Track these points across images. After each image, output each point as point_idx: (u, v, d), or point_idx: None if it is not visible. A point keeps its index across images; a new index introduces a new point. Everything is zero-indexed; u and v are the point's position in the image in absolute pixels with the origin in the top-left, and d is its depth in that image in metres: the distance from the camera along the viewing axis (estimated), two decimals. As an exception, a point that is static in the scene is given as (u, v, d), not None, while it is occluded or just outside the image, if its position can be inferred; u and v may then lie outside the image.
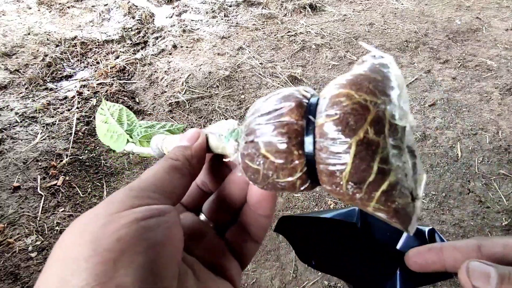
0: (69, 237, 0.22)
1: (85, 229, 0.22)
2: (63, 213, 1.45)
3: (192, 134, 0.30)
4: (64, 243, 0.22)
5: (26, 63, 2.18)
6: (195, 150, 0.29)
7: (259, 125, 0.23)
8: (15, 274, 1.24)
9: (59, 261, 0.21)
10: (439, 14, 2.88)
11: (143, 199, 0.24)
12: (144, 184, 0.25)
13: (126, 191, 0.24)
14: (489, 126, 1.88)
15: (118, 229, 0.22)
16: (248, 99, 2.03)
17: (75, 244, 0.22)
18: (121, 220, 0.22)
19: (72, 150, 1.69)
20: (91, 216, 0.23)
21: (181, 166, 0.28)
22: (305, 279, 1.30)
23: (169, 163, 0.27)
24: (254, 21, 2.75)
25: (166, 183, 0.26)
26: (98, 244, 0.21)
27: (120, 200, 0.23)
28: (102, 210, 0.23)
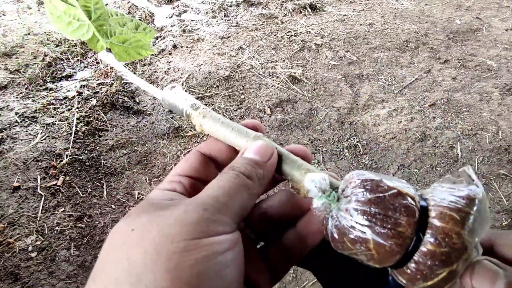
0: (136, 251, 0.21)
1: (160, 251, 0.21)
2: (63, 213, 1.45)
3: (266, 150, 0.28)
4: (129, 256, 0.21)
5: (26, 63, 2.18)
6: (268, 170, 0.27)
7: (370, 219, 0.24)
8: (15, 274, 1.24)
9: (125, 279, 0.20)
10: (439, 14, 2.88)
11: (218, 225, 0.23)
12: (217, 203, 0.23)
13: (200, 211, 0.23)
14: (489, 126, 1.88)
15: (197, 261, 0.21)
16: (248, 99, 2.03)
17: (146, 265, 0.20)
18: (201, 251, 0.21)
19: (72, 150, 1.69)
20: (161, 233, 0.21)
21: (253, 186, 0.26)
22: (305, 279, 1.30)
23: (242, 181, 0.25)
24: (254, 21, 2.75)
25: (237, 204, 0.25)
26: (176, 276, 0.20)
27: (196, 222, 0.22)
28: (175, 230, 0.21)
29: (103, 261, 0.22)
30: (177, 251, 0.21)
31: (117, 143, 1.75)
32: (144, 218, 0.23)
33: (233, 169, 0.26)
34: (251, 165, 0.27)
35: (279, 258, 0.29)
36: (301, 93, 2.08)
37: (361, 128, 1.88)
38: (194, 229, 0.22)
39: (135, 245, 0.21)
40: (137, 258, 0.21)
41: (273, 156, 0.28)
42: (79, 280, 1.26)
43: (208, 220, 0.22)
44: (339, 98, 2.06)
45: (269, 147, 0.28)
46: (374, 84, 2.17)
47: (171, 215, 0.23)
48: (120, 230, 0.23)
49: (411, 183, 1.62)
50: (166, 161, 1.69)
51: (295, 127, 1.87)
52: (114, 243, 0.23)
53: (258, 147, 0.28)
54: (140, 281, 0.20)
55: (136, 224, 0.23)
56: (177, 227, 0.22)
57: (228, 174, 0.26)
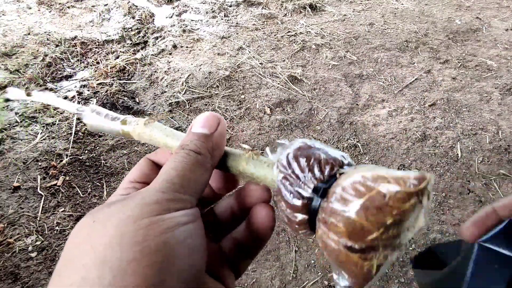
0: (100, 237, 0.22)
1: (124, 231, 0.21)
2: (63, 213, 1.45)
3: (211, 119, 0.28)
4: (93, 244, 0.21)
5: (26, 63, 2.18)
6: (217, 141, 0.28)
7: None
8: (15, 274, 1.24)
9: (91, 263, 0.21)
10: (439, 14, 2.88)
11: (177, 203, 0.23)
12: (173, 185, 0.24)
13: (158, 194, 0.23)
14: (489, 126, 1.88)
15: (163, 232, 0.21)
16: (248, 99, 2.03)
17: (112, 246, 0.21)
18: (165, 223, 0.22)
19: (72, 150, 1.69)
20: (123, 217, 0.22)
21: (204, 160, 0.26)
22: (305, 279, 1.30)
23: (193, 158, 0.26)
24: (254, 21, 2.75)
25: (192, 181, 0.25)
26: (143, 246, 0.21)
27: (155, 202, 0.23)
28: (137, 212, 0.22)
29: (67, 256, 0.23)
30: (142, 227, 0.21)
31: (117, 143, 1.75)
32: (105, 210, 0.24)
33: (183, 147, 0.27)
34: (199, 140, 0.27)
35: (236, 253, 0.30)
36: (301, 93, 2.08)
37: (361, 128, 1.88)
38: (155, 208, 0.22)
39: (98, 233, 0.22)
40: (101, 242, 0.21)
41: (220, 125, 0.28)
42: (79, 280, 1.26)
43: (167, 200, 0.23)
44: (339, 98, 2.06)
45: (215, 116, 0.28)
46: (374, 84, 2.17)
47: (130, 202, 0.23)
48: (82, 225, 0.24)
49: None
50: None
51: (295, 127, 1.87)
52: (77, 237, 0.23)
53: (204, 118, 0.28)
54: (108, 260, 0.20)
55: (97, 216, 0.23)
56: (137, 209, 0.22)
57: (179, 154, 0.26)
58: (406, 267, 1.34)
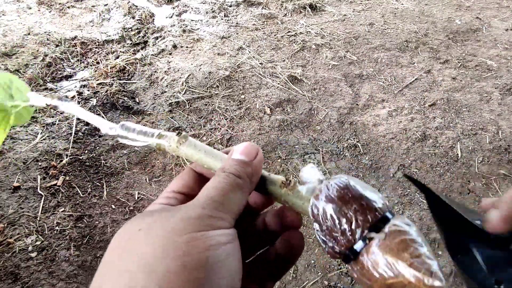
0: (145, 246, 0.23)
1: (168, 244, 0.22)
2: (63, 213, 1.45)
3: (250, 149, 0.30)
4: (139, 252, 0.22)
5: (26, 63, 2.18)
6: (256, 168, 0.29)
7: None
8: (15, 274, 1.24)
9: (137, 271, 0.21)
10: (439, 14, 2.88)
11: (218, 220, 0.25)
12: (214, 202, 0.25)
13: (199, 210, 0.25)
14: (489, 126, 1.88)
15: (206, 249, 0.22)
16: (248, 99, 2.03)
17: (157, 256, 0.22)
18: (207, 241, 0.23)
19: (72, 150, 1.69)
20: (168, 229, 0.23)
21: (244, 185, 0.28)
22: (305, 279, 1.30)
23: (233, 181, 0.27)
24: (254, 21, 2.75)
25: (232, 202, 0.26)
26: (187, 261, 0.21)
27: (197, 218, 0.24)
28: (180, 226, 0.23)
29: (111, 259, 0.24)
30: (184, 241, 0.22)
31: (117, 143, 1.75)
32: (149, 219, 0.25)
33: (224, 171, 0.28)
34: (239, 165, 0.29)
35: (265, 273, 0.32)
36: (301, 93, 2.08)
37: (361, 128, 1.88)
38: (197, 223, 0.24)
39: (143, 241, 0.23)
40: (147, 251, 0.22)
41: (258, 154, 0.30)
42: (79, 280, 1.26)
43: (208, 217, 0.24)
44: (339, 98, 2.06)
45: (254, 146, 0.30)
46: (374, 84, 2.17)
47: (173, 215, 0.25)
48: (127, 231, 0.25)
49: (411, 183, 1.62)
50: (166, 161, 1.69)
51: (295, 127, 1.87)
52: (122, 242, 0.24)
53: (244, 147, 0.30)
54: (153, 270, 0.21)
55: (142, 224, 0.25)
56: (181, 223, 0.24)
57: (220, 176, 0.28)
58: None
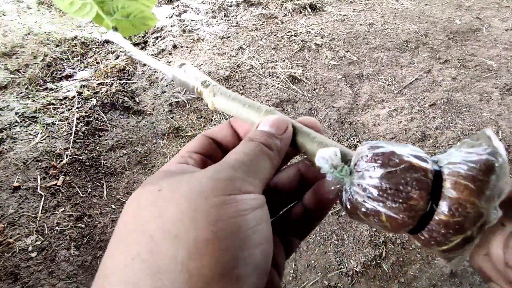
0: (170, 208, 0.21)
1: (196, 207, 0.20)
2: (63, 213, 1.45)
3: (281, 123, 0.28)
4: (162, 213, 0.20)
5: (26, 63, 2.18)
6: (284, 143, 0.28)
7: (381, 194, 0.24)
8: (15, 274, 1.24)
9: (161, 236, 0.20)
10: (439, 14, 2.88)
11: (249, 185, 0.23)
12: (245, 166, 0.24)
13: (231, 171, 0.23)
14: (489, 126, 1.88)
15: (237, 213, 0.21)
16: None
17: (185, 222, 0.20)
18: (238, 205, 0.21)
19: (72, 150, 1.69)
20: (195, 190, 0.21)
21: (273, 156, 0.26)
22: (305, 279, 1.30)
23: (263, 149, 0.26)
24: (254, 21, 2.75)
25: (261, 169, 0.25)
26: (218, 228, 0.20)
27: (228, 179, 0.22)
28: (210, 187, 0.21)
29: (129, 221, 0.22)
30: (214, 205, 0.21)
31: (117, 143, 1.75)
32: (171, 179, 0.23)
33: (252, 139, 0.26)
34: (269, 136, 0.27)
35: (291, 231, 0.30)
36: (301, 93, 2.08)
37: (361, 128, 1.88)
38: (228, 185, 0.22)
39: (167, 203, 0.21)
40: (172, 215, 0.20)
41: (287, 129, 0.28)
42: (79, 280, 1.26)
43: (239, 179, 0.23)
44: (339, 98, 2.06)
45: (284, 121, 0.28)
46: (374, 84, 2.17)
47: (200, 174, 0.23)
48: (145, 192, 0.23)
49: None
50: (166, 161, 1.69)
51: (295, 127, 1.87)
52: (141, 204, 0.22)
53: (273, 120, 0.28)
54: (181, 236, 0.20)
55: (163, 184, 0.23)
56: (210, 184, 0.22)
57: (249, 143, 0.26)
58: (406, 267, 1.34)
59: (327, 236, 1.42)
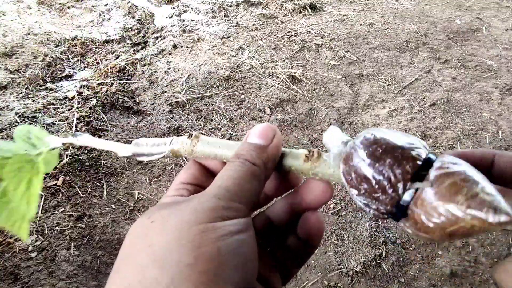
0: (158, 238, 0.22)
1: (181, 235, 0.22)
2: (63, 213, 1.45)
3: (267, 131, 0.28)
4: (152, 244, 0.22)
5: (26, 63, 2.18)
6: (272, 152, 0.28)
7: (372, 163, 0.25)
8: (15, 274, 1.24)
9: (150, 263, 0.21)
10: (439, 14, 2.88)
11: (231, 211, 0.24)
12: (228, 193, 0.25)
13: (214, 200, 0.24)
14: (489, 126, 1.88)
15: (217, 239, 0.22)
16: (248, 99, 2.03)
17: (171, 248, 0.22)
18: (218, 231, 0.22)
19: (72, 150, 1.69)
20: (180, 220, 0.23)
21: (259, 172, 0.26)
22: (305, 279, 1.30)
23: (248, 168, 0.26)
24: (254, 21, 2.75)
25: (246, 191, 0.26)
26: (199, 252, 0.21)
27: (211, 209, 0.23)
28: (193, 217, 0.23)
29: (125, 253, 0.24)
30: (196, 232, 0.22)
31: (117, 143, 1.75)
32: (162, 211, 0.25)
33: (239, 156, 0.27)
34: (255, 151, 0.27)
35: (287, 260, 0.31)
36: (301, 93, 2.08)
37: (361, 128, 1.88)
38: (210, 214, 0.23)
39: (156, 234, 0.23)
40: (160, 244, 0.22)
41: (275, 136, 0.28)
42: (79, 280, 1.26)
43: (222, 208, 0.24)
44: (339, 98, 2.06)
45: (271, 128, 0.28)
46: (374, 84, 2.17)
47: (187, 206, 0.24)
48: (140, 224, 0.25)
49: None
50: (166, 161, 1.69)
51: (295, 127, 1.87)
52: (135, 236, 0.24)
53: (260, 129, 0.28)
54: (166, 263, 0.21)
55: (155, 216, 0.25)
56: (194, 214, 0.23)
57: (235, 163, 0.27)
58: (406, 267, 1.34)
59: (327, 236, 1.42)
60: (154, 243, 0.22)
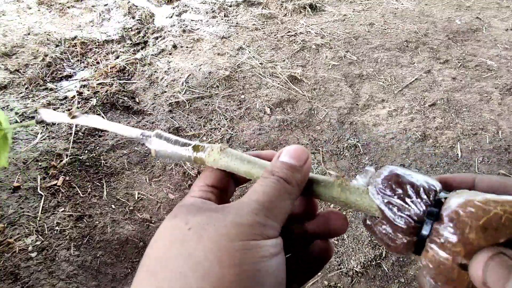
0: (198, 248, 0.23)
1: (221, 249, 0.23)
2: (63, 213, 1.45)
3: (300, 153, 0.29)
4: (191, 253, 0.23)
5: (26, 63, 2.18)
6: (305, 174, 0.28)
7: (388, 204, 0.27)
8: (15, 274, 1.24)
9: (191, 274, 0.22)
10: (439, 14, 2.88)
11: (268, 229, 0.25)
12: (264, 209, 0.25)
13: (252, 215, 0.24)
14: (489, 126, 1.88)
15: (258, 260, 0.23)
16: (248, 99, 2.03)
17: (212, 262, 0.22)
18: (259, 251, 0.23)
19: (72, 150, 1.69)
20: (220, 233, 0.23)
21: (293, 191, 0.27)
22: (305, 279, 1.30)
23: (282, 186, 0.27)
24: (254, 21, 2.75)
25: (280, 208, 0.26)
26: (241, 270, 0.22)
27: (249, 225, 0.24)
28: (233, 232, 0.23)
29: (160, 256, 0.24)
30: (238, 249, 0.23)
31: (117, 143, 1.75)
32: (198, 218, 0.25)
33: (273, 173, 0.27)
34: (289, 170, 0.28)
35: (304, 266, 0.32)
36: (301, 93, 2.08)
37: (361, 128, 1.88)
38: (250, 231, 0.24)
39: (195, 243, 0.23)
40: (199, 254, 0.23)
41: (308, 159, 0.29)
42: (79, 280, 1.26)
43: (260, 224, 0.24)
44: (339, 98, 2.06)
45: (304, 151, 0.29)
46: (374, 84, 2.17)
47: (225, 217, 0.25)
48: (176, 227, 0.25)
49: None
50: (166, 160, 1.69)
51: (295, 127, 1.87)
52: (171, 240, 0.25)
53: (294, 150, 0.29)
54: (207, 275, 0.22)
55: (192, 223, 0.25)
56: (233, 228, 0.24)
57: (269, 179, 0.27)
58: (406, 267, 1.34)
59: (327, 236, 1.42)
60: (193, 253, 0.23)
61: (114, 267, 1.31)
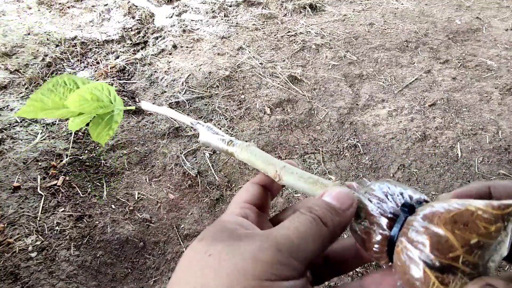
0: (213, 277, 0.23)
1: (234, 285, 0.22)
2: (63, 213, 1.45)
3: (346, 198, 0.27)
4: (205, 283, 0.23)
5: (26, 63, 2.18)
6: (346, 220, 0.27)
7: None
8: (15, 274, 1.24)
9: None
10: (439, 14, 2.88)
11: (289, 269, 0.23)
12: (291, 246, 0.24)
13: (274, 251, 0.23)
14: (489, 126, 1.88)
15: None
16: (248, 99, 2.03)
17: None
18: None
19: (72, 150, 1.69)
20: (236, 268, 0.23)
21: (328, 234, 0.25)
22: (305, 279, 1.30)
23: (317, 227, 0.25)
24: (254, 21, 2.75)
25: (309, 250, 0.24)
26: None
27: (269, 262, 0.23)
28: (250, 268, 0.23)
29: (178, 278, 0.25)
30: (252, 285, 0.22)
31: (117, 143, 1.75)
32: (219, 246, 0.25)
33: (311, 211, 0.26)
34: (329, 210, 0.26)
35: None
36: (301, 93, 2.08)
37: (361, 128, 1.88)
38: (267, 269, 0.23)
39: (210, 272, 0.23)
40: (211, 286, 0.23)
41: (353, 206, 0.27)
42: (79, 280, 1.26)
43: (281, 263, 0.23)
44: (339, 98, 2.06)
45: (349, 196, 0.27)
46: (374, 84, 2.17)
47: (246, 249, 0.24)
48: (198, 251, 0.25)
49: (411, 183, 1.62)
50: (166, 161, 1.69)
51: (295, 127, 1.87)
52: (190, 264, 0.25)
53: (338, 193, 0.27)
54: None
55: (212, 250, 0.24)
56: (251, 264, 0.23)
57: (305, 215, 0.26)
58: (406, 267, 1.34)
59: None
60: (206, 284, 0.23)
61: (114, 267, 1.31)
